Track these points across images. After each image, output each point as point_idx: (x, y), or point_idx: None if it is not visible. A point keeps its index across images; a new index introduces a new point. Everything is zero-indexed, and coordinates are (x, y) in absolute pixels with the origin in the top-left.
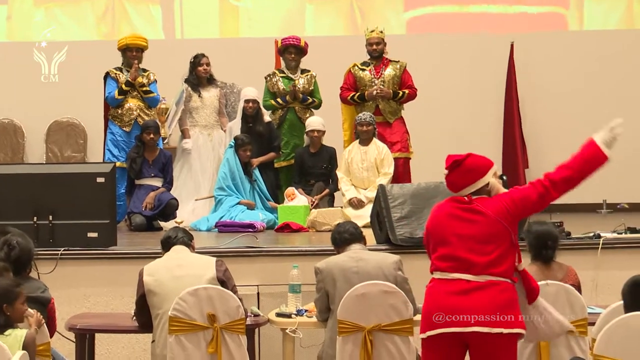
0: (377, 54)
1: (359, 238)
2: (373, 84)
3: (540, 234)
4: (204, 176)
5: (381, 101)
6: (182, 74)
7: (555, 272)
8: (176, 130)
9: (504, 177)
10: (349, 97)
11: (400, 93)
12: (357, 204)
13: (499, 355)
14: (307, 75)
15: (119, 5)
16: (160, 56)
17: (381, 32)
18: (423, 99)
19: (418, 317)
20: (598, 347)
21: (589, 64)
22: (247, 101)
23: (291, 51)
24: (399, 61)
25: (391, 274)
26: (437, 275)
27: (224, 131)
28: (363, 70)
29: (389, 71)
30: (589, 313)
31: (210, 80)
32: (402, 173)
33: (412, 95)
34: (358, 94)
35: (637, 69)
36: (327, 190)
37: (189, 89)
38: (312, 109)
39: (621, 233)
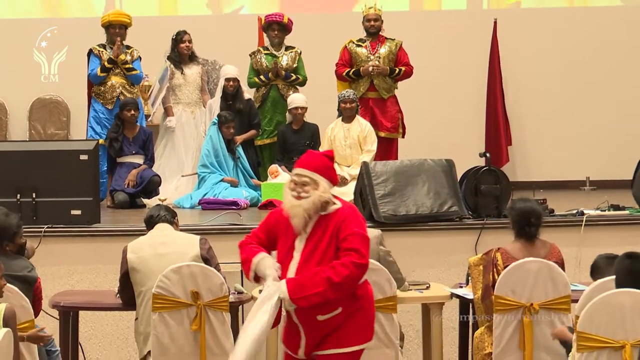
0: (374, 30)
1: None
2: (369, 60)
3: (524, 211)
4: (187, 154)
5: (377, 77)
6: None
7: (538, 249)
8: (159, 108)
9: (487, 154)
10: (344, 73)
11: (397, 70)
12: (340, 181)
13: None
14: (291, 52)
15: None
16: (146, 33)
17: (379, 9)
18: (413, 77)
19: (402, 294)
20: (581, 324)
21: (573, 41)
22: (227, 79)
23: (274, 28)
24: (394, 39)
25: (373, 249)
26: None
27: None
28: (359, 46)
29: (384, 48)
30: (572, 290)
31: (192, 57)
32: (390, 152)
33: (409, 73)
34: (353, 69)
35: (623, 46)
36: None
37: (172, 66)
38: (297, 86)
39: (604, 210)
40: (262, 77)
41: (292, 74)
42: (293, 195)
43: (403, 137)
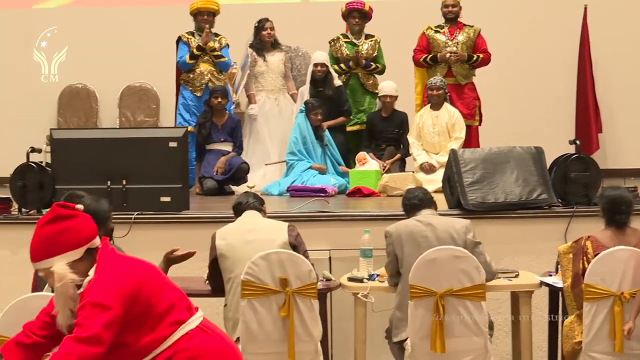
0: (452, 16)
1: (429, 203)
2: (447, 46)
3: (614, 199)
4: (272, 141)
5: (454, 64)
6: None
7: (629, 237)
8: (244, 95)
9: (577, 142)
10: (421, 59)
11: (475, 57)
12: (428, 169)
13: None
14: (371, 40)
15: None
16: (234, 20)
17: None
18: (495, 64)
19: (491, 282)
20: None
21: None
22: (315, 65)
23: (355, 15)
24: (473, 26)
25: (461, 238)
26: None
27: (290, 95)
28: (437, 32)
29: (463, 35)
30: None
31: (275, 45)
32: (469, 139)
33: (486, 60)
34: (431, 55)
35: None
36: (398, 155)
37: (254, 53)
38: (376, 75)
39: None
40: (342, 65)
41: (372, 63)
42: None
43: (480, 124)
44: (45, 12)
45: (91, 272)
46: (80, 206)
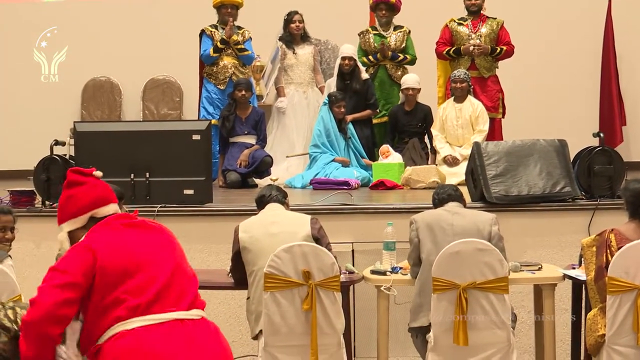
0: (475, 9)
1: (458, 199)
2: (470, 39)
3: (638, 192)
4: (298, 134)
5: (477, 57)
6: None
7: None
8: (272, 89)
9: (601, 135)
10: (444, 52)
11: (498, 49)
12: (451, 162)
13: None
14: (399, 31)
15: None
16: (258, 13)
17: None
18: (518, 56)
19: (514, 275)
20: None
21: None
22: (343, 58)
23: (382, 7)
24: (496, 18)
25: (486, 230)
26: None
27: (320, 89)
28: (460, 25)
29: (486, 27)
30: None
31: (304, 37)
32: (492, 132)
33: (510, 52)
34: (454, 48)
35: None
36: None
37: (283, 46)
38: (406, 66)
39: None
40: (370, 57)
41: (400, 54)
42: None
43: (503, 117)
44: (69, 5)
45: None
46: (98, 173)
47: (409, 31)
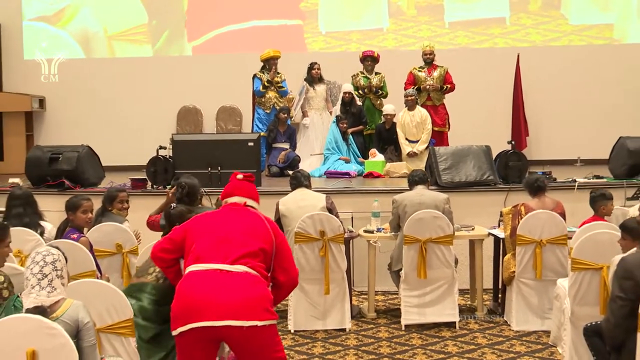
0: (429, 60)
1: (424, 181)
2: (426, 80)
3: (531, 179)
4: (316, 141)
5: (431, 92)
6: (302, 75)
7: (549, 204)
8: (299, 111)
9: (513, 142)
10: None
11: (445, 87)
12: (412, 155)
13: (258, 347)
14: (379, 76)
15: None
16: (287, 64)
17: (432, 46)
18: (458, 91)
19: (456, 233)
20: (574, 253)
21: (573, 70)
22: (344, 92)
23: (368, 60)
24: (443, 66)
25: (441, 206)
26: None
27: (330, 113)
28: (420, 71)
29: (437, 72)
30: (568, 231)
31: (320, 79)
32: (441, 141)
33: (452, 88)
34: (416, 87)
35: (608, 78)
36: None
37: (307, 84)
38: (382, 98)
39: (590, 178)
40: (359, 91)
41: (380, 90)
42: None
43: (449, 130)
44: (177, 57)
45: None
46: (240, 176)
47: (384, 76)
